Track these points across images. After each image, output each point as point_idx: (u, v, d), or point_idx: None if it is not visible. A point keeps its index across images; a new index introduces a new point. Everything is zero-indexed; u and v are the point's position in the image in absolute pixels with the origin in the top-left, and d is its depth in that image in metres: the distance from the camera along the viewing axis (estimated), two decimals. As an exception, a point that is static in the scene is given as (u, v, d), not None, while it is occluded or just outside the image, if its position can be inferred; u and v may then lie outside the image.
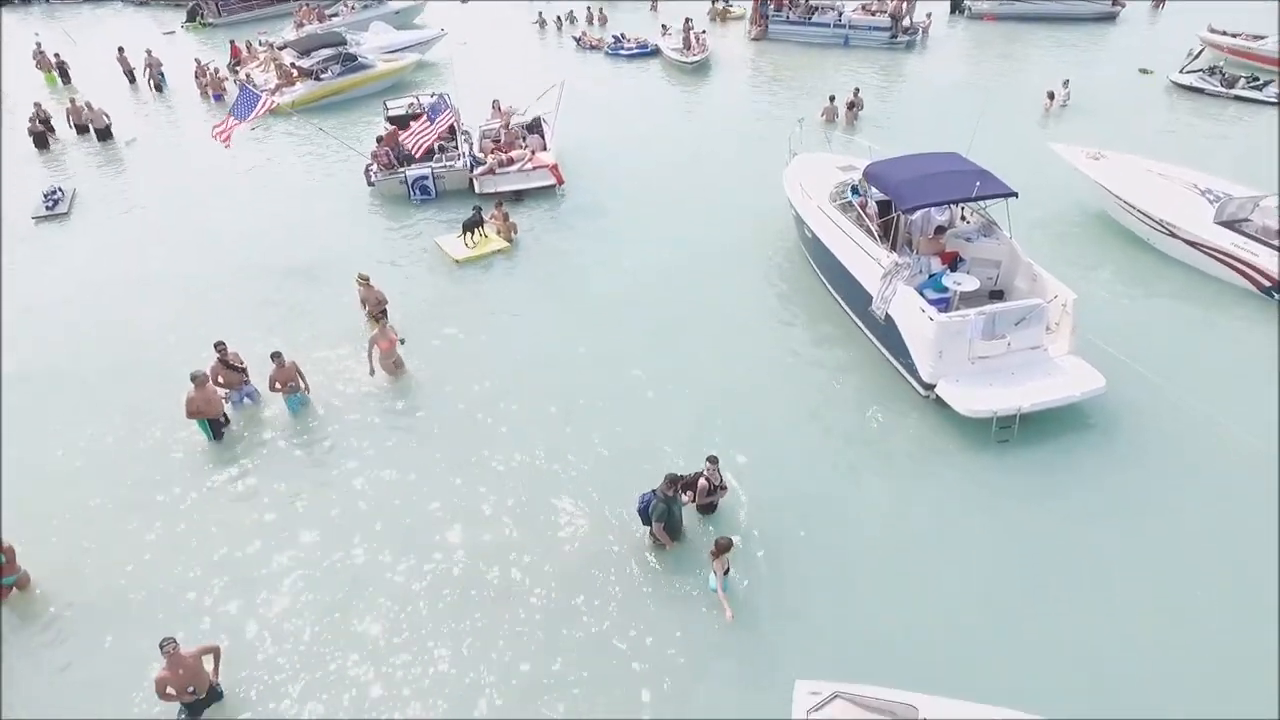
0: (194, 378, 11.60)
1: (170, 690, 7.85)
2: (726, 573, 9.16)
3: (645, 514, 9.73)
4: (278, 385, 12.24)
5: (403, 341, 13.12)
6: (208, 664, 8.22)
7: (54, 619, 9.44)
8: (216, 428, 11.93)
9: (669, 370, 13.04)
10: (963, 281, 12.43)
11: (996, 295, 13.07)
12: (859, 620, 9.00)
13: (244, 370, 12.56)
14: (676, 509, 9.63)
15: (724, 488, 10.26)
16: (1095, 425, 11.53)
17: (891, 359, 12.76)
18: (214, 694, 8.30)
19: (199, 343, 13.71)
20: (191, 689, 7.95)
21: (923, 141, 14.34)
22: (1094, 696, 8.08)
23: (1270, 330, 13.32)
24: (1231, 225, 14.38)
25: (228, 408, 12.28)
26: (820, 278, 15.20)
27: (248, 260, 16.82)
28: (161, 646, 7.82)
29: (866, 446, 11.50)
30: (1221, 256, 14.42)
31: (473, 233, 16.82)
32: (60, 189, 20.05)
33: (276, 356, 12.18)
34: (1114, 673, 8.33)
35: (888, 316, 12.34)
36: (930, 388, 11.81)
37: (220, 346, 12.38)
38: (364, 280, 14.38)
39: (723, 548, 9.02)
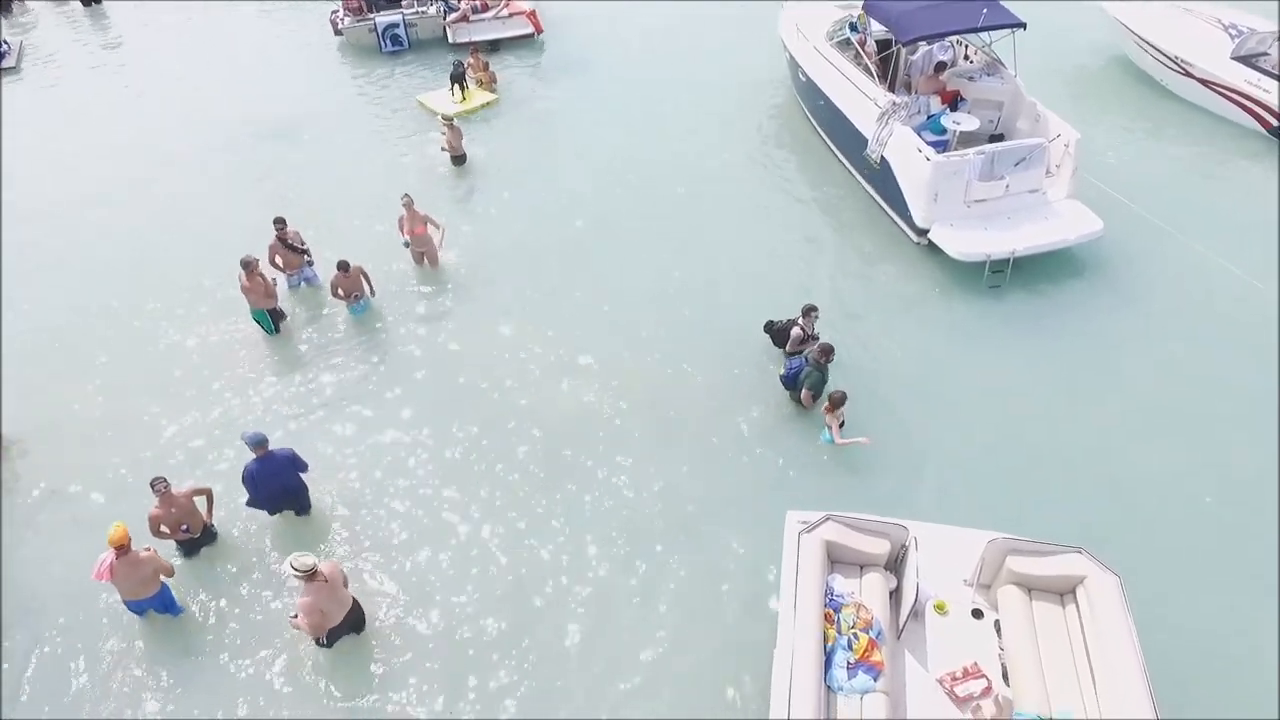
0: (245, 263, 10.23)
1: (164, 529, 7.93)
2: (841, 425, 8.98)
3: (792, 380, 9.50)
4: (340, 293, 11.05)
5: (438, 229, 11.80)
6: (201, 506, 8.30)
7: (43, 471, 9.46)
8: (275, 319, 10.90)
9: (650, 225, 12.71)
10: (962, 121, 11.88)
11: (996, 140, 12.51)
12: (851, 452, 9.11)
13: (306, 251, 11.48)
14: (827, 374, 9.41)
15: (815, 337, 9.89)
16: (1091, 269, 11.33)
17: (885, 205, 12.37)
18: (208, 534, 8.45)
19: (193, 214, 13.30)
20: (185, 527, 8.07)
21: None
22: (1070, 518, 8.25)
23: (1273, 172, 12.93)
24: (1247, 60, 13.67)
25: (283, 290, 11.33)
26: (815, 127, 14.53)
27: (219, 121, 15.82)
28: (153, 485, 7.82)
29: (854, 294, 11.30)
30: (1233, 94, 13.83)
31: (460, 85, 15.95)
32: (6, 41, 18.74)
33: (342, 265, 10.81)
34: (1092, 500, 8.53)
35: (883, 159, 11.85)
36: (924, 233, 11.50)
37: (279, 224, 11.20)
38: (448, 121, 13.98)
39: (836, 402, 8.78)
